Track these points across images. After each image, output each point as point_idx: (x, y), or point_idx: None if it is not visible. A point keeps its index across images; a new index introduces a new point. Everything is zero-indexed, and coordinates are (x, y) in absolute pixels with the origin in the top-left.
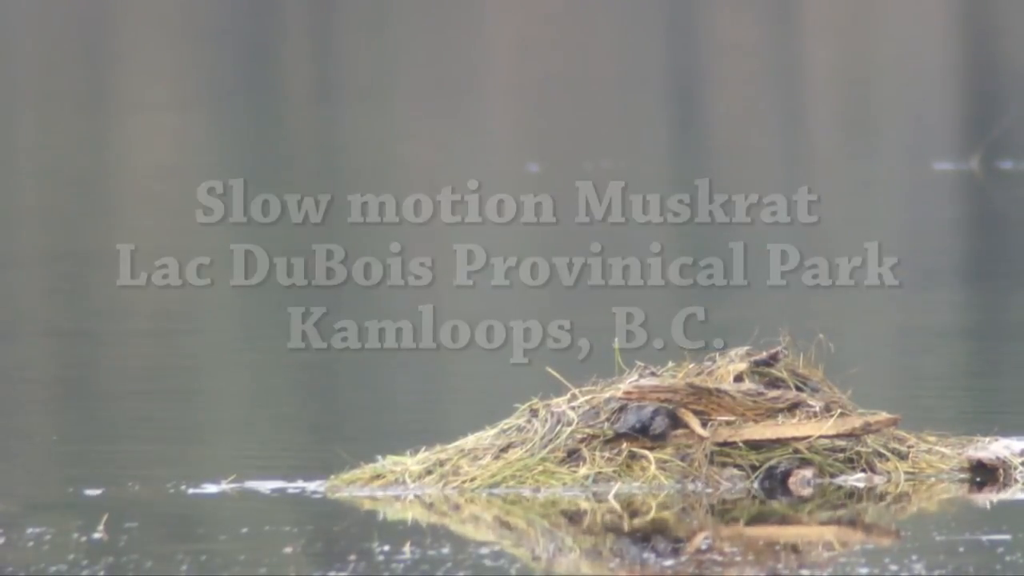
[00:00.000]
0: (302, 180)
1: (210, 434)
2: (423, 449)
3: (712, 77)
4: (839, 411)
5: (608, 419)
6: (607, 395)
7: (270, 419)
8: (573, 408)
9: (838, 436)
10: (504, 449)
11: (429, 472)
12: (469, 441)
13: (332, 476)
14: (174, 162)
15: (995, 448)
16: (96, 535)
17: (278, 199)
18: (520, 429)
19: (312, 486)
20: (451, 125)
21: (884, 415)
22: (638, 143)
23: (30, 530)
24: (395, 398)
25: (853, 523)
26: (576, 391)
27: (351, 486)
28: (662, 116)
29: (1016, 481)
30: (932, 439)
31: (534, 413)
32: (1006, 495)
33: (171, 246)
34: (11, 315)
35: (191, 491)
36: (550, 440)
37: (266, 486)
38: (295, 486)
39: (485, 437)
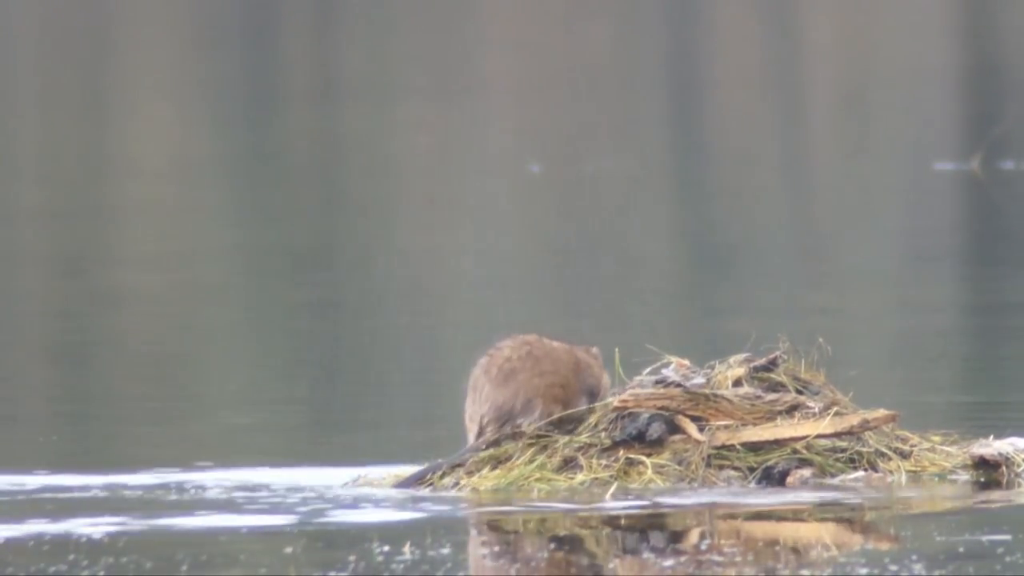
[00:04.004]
0: (301, 178)
1: (210, 433)
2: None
3: (713, 76)
4: (836, 410)
5: (605, 429)
6: (604, 404)
7: (272, 418)
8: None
9: (836, 435)
10: (501, 460)
11: (429, 484)
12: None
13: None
14: (174, 158)
15: (998, 444)
16: (96, 535)
17: (278, 195)
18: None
19: (312, 486)
20: (452, 125)
21: (882, 412)
22: (639, 143)
23: (30, 530)
24: (395, 400)
25: (853, 523)
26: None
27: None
28: (663, 116)
29: (1018, 478)
30: (936, 438)
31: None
32: (1007, 495)
33: (171, 243)
34: (10, 314)
35: (192, 491)
36: (546, 448)
37: (266, 485)
38: (295, 486)
39: (483, 446)
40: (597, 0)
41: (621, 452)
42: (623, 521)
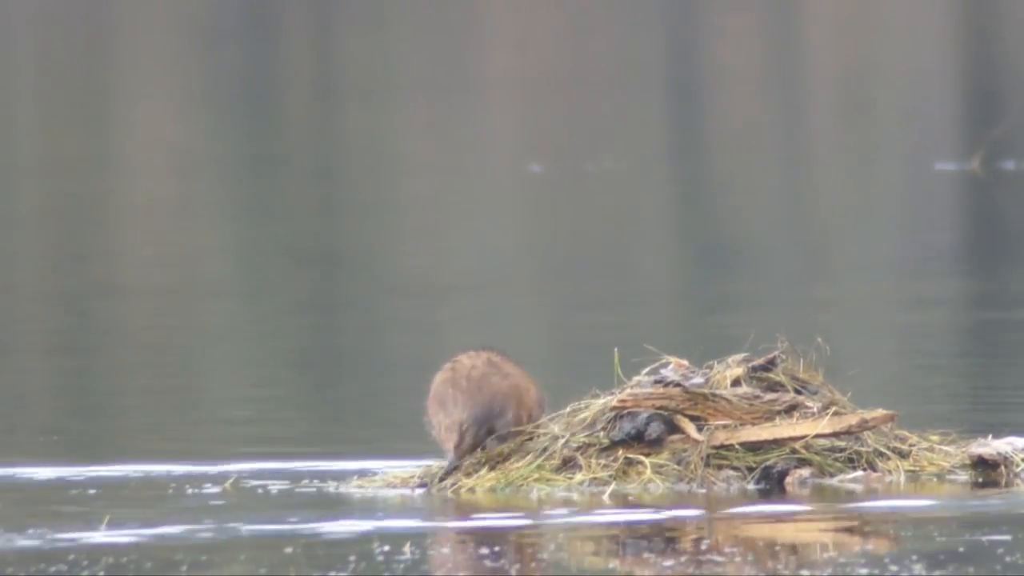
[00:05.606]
0: (301, 177)
1: (210, 432)
2: (427, 465)
3: (713, 76)
4: (834, 409)
5: (603, 428)
6: (602, 404)
7: (272, 417)
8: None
9: (835, 434)
10: (500, 461)
11: (426, 486)
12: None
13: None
14: (174, 157)
15: (997, 444)
16: (96, 535)
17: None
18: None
19: (312, 485)
20: (452, 125)
21: (881, 411)
22: (639, 143)
23: (30, 530)
24: (395, 399)
25: (852, 523)
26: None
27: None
28: (663, 116)
29: (1017, 478)
30: (935, 438)
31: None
32: (1007, 495)
33: (171, 240)
34: (11, 313)
35: (192, 491)
36: (545, 449)
37: (266, 486)
38: (296, 486)
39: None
40: (597, 0)
41: (620, 452)
42: (621, 523)
